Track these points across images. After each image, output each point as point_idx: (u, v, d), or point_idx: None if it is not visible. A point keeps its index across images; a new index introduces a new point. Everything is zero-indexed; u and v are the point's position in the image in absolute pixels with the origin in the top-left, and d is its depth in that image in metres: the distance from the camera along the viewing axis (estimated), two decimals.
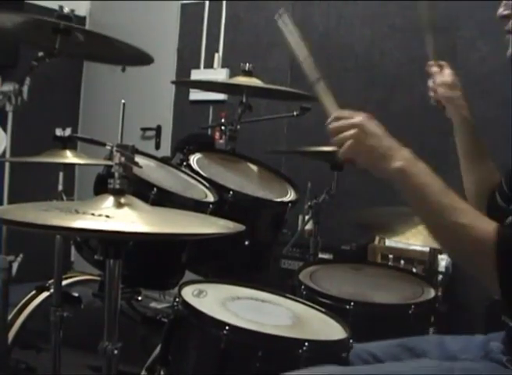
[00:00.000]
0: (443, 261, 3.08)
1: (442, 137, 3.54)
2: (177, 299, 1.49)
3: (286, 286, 1.91)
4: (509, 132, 2.97)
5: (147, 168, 1.92)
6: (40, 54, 1.89)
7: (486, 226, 1.15)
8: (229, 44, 4.38)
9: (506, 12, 1.43)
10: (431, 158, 3.89)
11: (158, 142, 4.57)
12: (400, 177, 1.25)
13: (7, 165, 2.03)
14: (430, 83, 1.83)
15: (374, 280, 2.06)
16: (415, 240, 2.02)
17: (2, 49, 4.08)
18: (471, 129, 1.72)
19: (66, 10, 1.84)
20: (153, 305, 2.14)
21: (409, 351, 1.52)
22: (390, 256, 3.21)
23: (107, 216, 1.16)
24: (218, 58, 4.40)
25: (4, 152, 2.03)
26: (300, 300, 1.70)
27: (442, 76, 1.84)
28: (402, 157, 1.25)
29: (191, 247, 1.93)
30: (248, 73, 2.39)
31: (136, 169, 1.32)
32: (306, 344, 1.34)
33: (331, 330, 1.52)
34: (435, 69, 1.75)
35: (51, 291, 2.01)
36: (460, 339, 1.49)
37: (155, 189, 1.76)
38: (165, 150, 4.38)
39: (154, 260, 1.86)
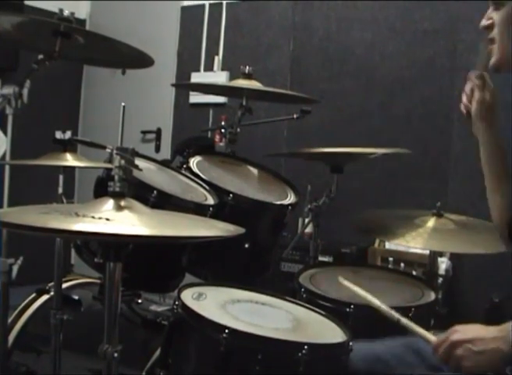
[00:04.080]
0: (443, 264, 3.08)
1: (442, 140, 3.56)
2: (177, 302, 1.49)
3: (285, 289, 1.91)
4: (509, 134, 2.97)
5: (147, 171, 1.92)
6: (41, 57, 1.89)
7: None
8: (229, 47, 4.39)
9: (488, 23, 1.46)
10: (431, 161, 3.90)
11: (158, 145, 4.57)
12: None
13: (7, 168, 2.03)
14: (466, 90, 1.66)
15: (374, 282, 2.06)
16: (415, 243, 2.02)
17: (2, 52, 4.08)
18: (497, 149, 1.65)
19: (66, 13, 1.84)
20: (153, 307, 2.14)
21: (414, 352, 1.52)
22: (390, 259, 3.21)
23: (107, 219, 1.16)
24: (218, 61, 4.41)
25: (4, 155, 2.03)
26: (300, 303, 1.70)
27: (483, 93, 1.65)
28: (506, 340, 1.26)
29: (191, 250, 1.93)
30: (248, 76, 2.39)
31: (136, 172, 1.32)
32: (306, 347, 1.34)
33: (331, 332, 1.52)
34: (477, 81, 1.62)
35: (52, 293, 2.01)
36: None
37: (155, 192, 1.76)
38: (165, 153, 4.38)
39: (154, 263, 1.85)
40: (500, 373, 1.33)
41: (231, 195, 1.98)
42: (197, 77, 4.43)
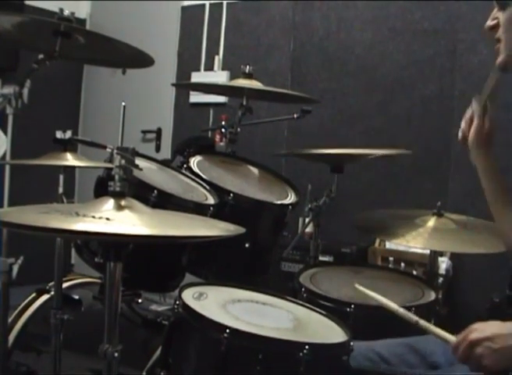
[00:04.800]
0: (444, 263, 3.08)
1: (442, 140, 3.56)
2: (177, 302, 1.49)
3: (286, 288, 1.91)
4: (509, 135, 2.97)
5: (148, 170, 1.92)
6: (41, 56, 1.89)
7: None
8: (230, 47, 4.39)
9: (492, 23, 1.47)
10: (431, 161, 3.90)
11: (158, 145, 4.57)
12: None
13: (7, 167, 2.03)
14: (466, 116, 1.63)
15: (374, 282, 2.06)
16: (416, 242, 2.02)
17: (3, 52, 4.08)
18: (495, 176, 1.65)
19: (67, 12, 1.84)
20: (153, 307, 2.14)
21: (415, 352, 1.52)
22: (391, 259, 3.21)
23: (107, 219, 1.16)
24: (218, 60, 4.41)
25: (4, 155, 2.03)
26: (301, 303, 1.70)
27: (482, 122, 1.63)
28: None
29: (191, 249, 1.93)
30: (248, 76, 2.39)
31: (136, 172, 1.32)
32: (306, 347, 1.34)
33: (331, 332, 1.52)
34: (478, 109, 1.60)
35: (52, 293, 2.01)
36: None
37: (156, 191, 1.76)
38: (166, 152, 4.38)
39: (155, 263, 1.85)
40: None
41: (231, 195, 1.98)
42: (197, 77, 4.43)
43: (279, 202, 2.14)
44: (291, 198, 2.20)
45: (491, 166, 1.65)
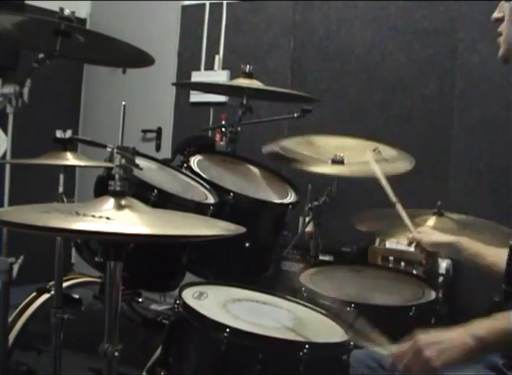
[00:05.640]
0: (444, 263, 3.08)
1: (442, 139, 3.56)
2: (178, 301, 1.49)
3: (286, 288, 1.91)
4: (509, 134, 2.97)
5: (148, 170, 1.92)
6: (41, 56, 1.89)
7: None
8: (230, 46, 4.39)
9: (499, 15, 1.48)
10: (432, 160, 3.90)
11: (158, 144, 4.57)
12: (482, 347, 1.29)
13: (8, 167, 2.03)
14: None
15: (374, 281, 2.06)
16: None
17: (3, 51, 4.08)
18: (474, 260, 1.76)
19: (67, 12, 1.84)
20: (153, 307, 2.14)
21: None
22: (391, 258, 3.21)
23: (107, 218, 1.16)
24: (218, 60, 4.40)
25: (4, 154, 2.03)
26: (301, 302, 1.70)
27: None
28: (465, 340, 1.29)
29: (192, 249, 1.93)
30: (249, 75, 2.39)
31: (136, 171, 1.32)
32: (306, 346, 1.34)
33: (331, 332, 1.52)
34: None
35: (52, 292, 2.01)
36: None
37: (156, 191, 1.76)
38: (166, 152, 4.38)
39: (155, 262, 1.86)
40: (495, 367, 1.34)
41: (231, 194, 1.98)
42: (197, 76, 4.42)
43: (279, 202, 2.14)
44: (291, 198, 2.20)
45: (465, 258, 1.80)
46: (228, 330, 1.35)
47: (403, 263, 3.15)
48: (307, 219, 2.41)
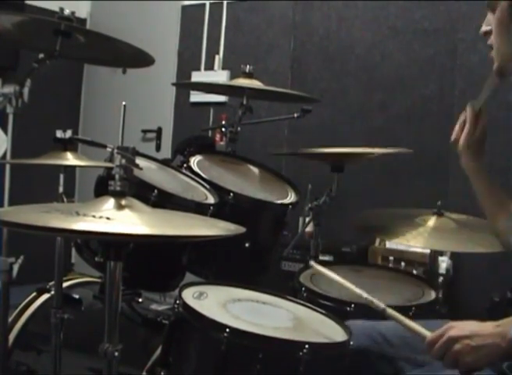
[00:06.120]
0: (444, 263, 3.08)
1: (442, 139, 3.55)
2: (178, 301, 1.49)
3: (286, 288, 1.91)
4: (509, 134, 2.98)
5: (148, 170, 1.92)
6: (41, 56, 1.89)
7: None
8: (230, 46, 4.39)
9: (487, 29, 1.46)
10: (432, 160, 3.90)
11: (158, 144, 4.58)
12: None
13: (8, 167, 2.03)
14: (460, 120, 1.64)
15: (374, 281, 2.06)
16: (416, 242, 2.02)
17: (3, 51, 4.08)
18: (486, 179, 1.68)
19: (67, 12, 1.84)
20: (153, 307, 2.14)
21: None
22: (391, 258, 3.21)
23: (107, 218, 1.16)
24: (218, 60, 4.41)
25: (4, 154, 2.03)
26: (301, 302, 1.70)
27: (474, 127, 1.62)
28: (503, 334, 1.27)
29: (192, 249, 1.93)
30: (249, 75, 2.39)
31: (136, 171, 1.32)
32: (306, 346, 1.34)
33: (331, 332, 1.52)
34: (471, 115, 1.59)
35: (52, 292, 2.01)
36: None
37: (156, 191, 1.76)
38: (166, 152, 4.38)
39: (155, 262, 1.86)
40: (497, 369, 1.34)
41: (231, 194, 1.98)
42: (197, 76, 4.43)
43: (279, 202, 2.14)
44: (291, 198, 2.20)
45: (481, 169, 1.67)
46: (228, 329, 1.35)
47: (403, 263, 3.16)
48: (307, 219, 2.40)
